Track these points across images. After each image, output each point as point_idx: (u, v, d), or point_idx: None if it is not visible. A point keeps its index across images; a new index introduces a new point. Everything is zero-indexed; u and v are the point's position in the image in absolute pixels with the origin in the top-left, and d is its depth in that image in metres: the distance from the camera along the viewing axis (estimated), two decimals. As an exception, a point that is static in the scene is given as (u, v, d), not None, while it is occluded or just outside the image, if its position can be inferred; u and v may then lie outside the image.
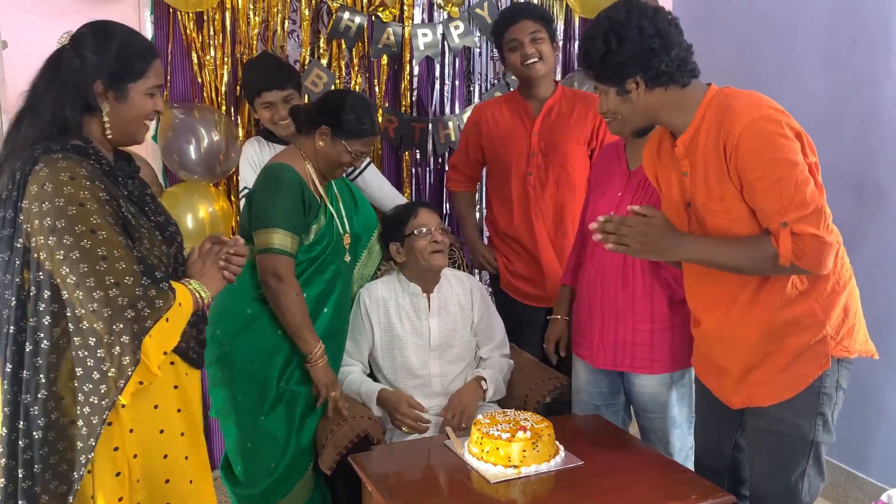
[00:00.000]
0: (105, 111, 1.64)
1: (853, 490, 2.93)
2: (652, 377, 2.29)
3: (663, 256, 1.88)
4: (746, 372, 1.88)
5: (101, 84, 1.63)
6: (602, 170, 2.41)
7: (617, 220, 1.81)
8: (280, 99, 2.70)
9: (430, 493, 1.94)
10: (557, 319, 2.54)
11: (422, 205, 2.68)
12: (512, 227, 2.87)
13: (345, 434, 2.24)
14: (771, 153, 1.68)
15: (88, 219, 1.51)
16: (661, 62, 1.76)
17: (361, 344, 2.55)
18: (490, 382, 2.52)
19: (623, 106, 1.85)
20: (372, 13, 3.18)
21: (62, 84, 1.61)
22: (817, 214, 1.69)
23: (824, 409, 1.86)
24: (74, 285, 1.50)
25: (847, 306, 1.86)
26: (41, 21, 2.88)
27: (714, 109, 1.78)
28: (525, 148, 2.79)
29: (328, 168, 2.38)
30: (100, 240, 1.51)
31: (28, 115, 1.62)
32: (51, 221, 1.50)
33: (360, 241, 2.61)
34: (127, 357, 1.50)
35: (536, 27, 2.70)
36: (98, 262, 1.50)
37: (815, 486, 1.92)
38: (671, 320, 2.25)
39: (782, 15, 3.12)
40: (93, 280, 1.49)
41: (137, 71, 1.66)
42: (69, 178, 1.52)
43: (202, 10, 2.93)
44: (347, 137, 2.32)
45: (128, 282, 1.51)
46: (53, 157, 1.54)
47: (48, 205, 1.51)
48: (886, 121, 2.76)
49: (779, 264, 1.71)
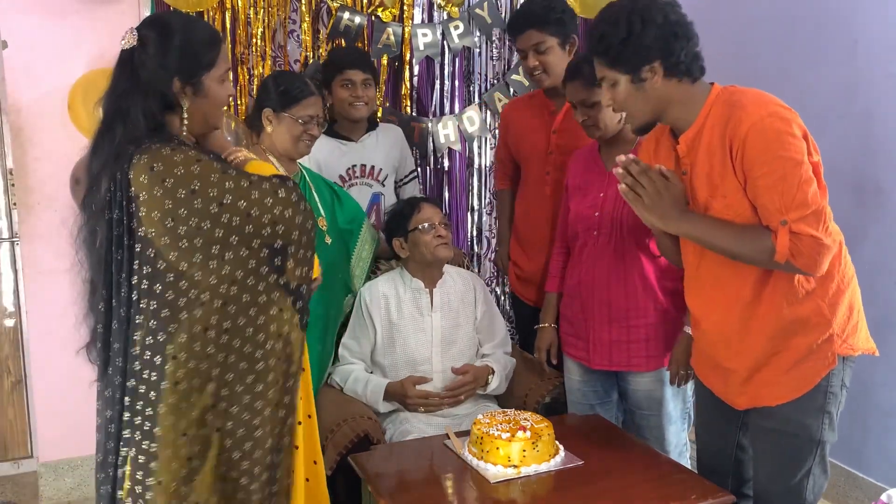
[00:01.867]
0: (185, 107, 1.65)
1: (853, 490, 2.93)
2: (647, 374, 2.29)
3: (666, 223, 1.83)
4: (753, 373, 1.88)
5: (179, 81, 1.64)
6: (579, 173, 2.41)
7: (643, 166, 1.79)
8: (360, 80, 2.76)
9: (430, 493, 1.94)
10: (546, 327, 2.53)
11: (423, 200, 2.68)
12: (528, 227, 2.83)
13: (345, 434, 2.24)
14: (777, 151, 1.68)
15: (213, 165, 1.57)
16: (682, 50, 1.76)
17: (363, 342, 2.55)
18: (496, 378, 2.54)
19: (635, 95, 1.82)
20: (372, 13, 3.19)
21: (145, 88, 1.61)
22: (817, 216, 1.69)
23: (830, 408, 1.85)
24: (247, 213, 1.56)
25: (851, 304, 1.86)
26: (41, 21, 2.89)
27: (720, 107, 1.78)
28: (544, 146, 2.72)
29: (290, 146, 2.40)
30: (236, 175, 1.58)
31: (120, 121, 1.60)
32: (184, 190, 1.53)
33: (351, 235, 2.61)
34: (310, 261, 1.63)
35: (540, 38, 2.56)
36: (251, 190, 1.57)
37: (820, 485, 1.92)
38: (665, 314, 2.26)
39: (782, 15, 3.12)
40: (259, 206, 1.57)
41: (208, 61, 1.66)
42: (171, 150, 1.55)
43: (202, 9, 2.93)
44: (287, 108, 2.37)
45: (293, 198, 1.61)
46: (151, 147, 1.55)
47: (171, 180, 1.53)
48: (886, 121, 2.76)
49: (773, 260, 1.71)
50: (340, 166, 2.82)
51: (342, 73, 2.77)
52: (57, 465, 3.13)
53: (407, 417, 2.48)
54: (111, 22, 2.95)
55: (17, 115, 2.92)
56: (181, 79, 1.63)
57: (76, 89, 2.83)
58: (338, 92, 2.79)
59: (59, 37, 2.92)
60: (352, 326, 2.57)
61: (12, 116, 2.92)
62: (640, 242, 2.25)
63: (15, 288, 3.09)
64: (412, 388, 2.45)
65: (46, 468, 3.12)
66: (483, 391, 2.55)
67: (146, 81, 1.61)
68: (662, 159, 1.94)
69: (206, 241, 1.55)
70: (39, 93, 2.92)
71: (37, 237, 2.98)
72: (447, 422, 2.43)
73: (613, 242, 2.27)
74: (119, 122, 1.60)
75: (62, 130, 2.93)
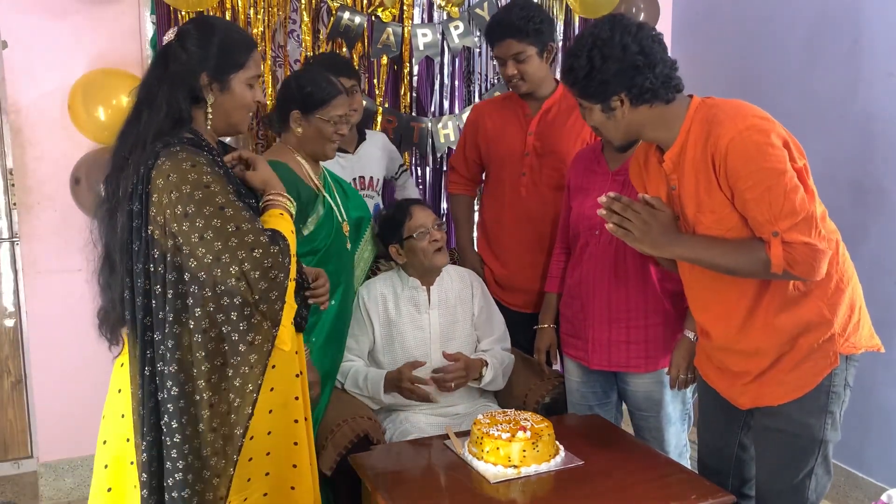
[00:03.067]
0: (210, 102, 1.72)
1: (853, 490, 2.93)
2: (646, 376, 2.29)
3: (659, 251, 1.86)
4: (761, 374, 1.89)
5: (207, 76, 1.71)
6: (582, 172, 2.42)
7: (626, 201, 1.81)
8: (348, 87, 2.67)
9: (430, 493, 1.94)
10: (545, 328, 2.54)
11: (413, 203, 2.65)
12: (502, 230, 2.81)
13: (345, 434, 2.24)
14: (759, 163, 1.68)
15: (214, 199, 1.59)
16: (646, 80, 1.77)
17: (362, 341, 2.56)
18: (490, 370, 2.53)
19: (607, 123, 1.86)
20: (372, 13, 3.19)
21: (173, 77, 1.68)
22: (808, 222, 1.69)
23: (833, 408, 1.86)
24: (216, 260, 1.58)
25: (852, 303, 1.86)
26: (41, 21, 2.89)
27: (699, 123, 1.78)
28: (520, 148, 2.72)
29: (318, 148, 2.38)
30: (227, 216, 1.59)
31: (146, 108, 1.68)
32: (182, 208, 1.58)
33: (359, 228, 2.60)
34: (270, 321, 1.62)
35: (520, 47, 2.55)
36: (231, 237, 1.58)
37: (822, 485, 1.92)
38: (665, 315, 2.26)
39: (782, 15, 3.12)
40: (228, 256, 1.57)
41: (238, 62, 1.74)
42: (191, 166, 1.60)
43: (202, 9, 2.93)
44: (317, 109, 2.33)
45: (257, 255, 1.58)
46: (173, 151, 1.62)
47: (176, 194, 1.59)
48: (886, 121, 2.76)
49: (771, 272, 1.72)
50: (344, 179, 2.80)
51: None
52: (57, 465, 3.13)
53: (407, 417, 2.49)
54: (111, 22, 2.95)
55: (17, 115, 2.92)
56: (209, 74, 1.70)
57: (76, 89, 2.83)
58: None
59: (59, 37, 2.92)
60: (351, 326, 2.57)
61: (12, 116, 2.92)
62: None
63: (15, 288, 3.10)
64: (408, 372, 2.43)
65: (46, 468, 3.12)
66: (477, 384, 2.54)
67: (175, 72, 1.68)
68: (652, 175, 1.95)
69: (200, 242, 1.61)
70: (39, 93, 2.92)
71: (37, 237, 2.98)
72: (447, 422, 2.43)
73: (615, 242, 2.27)
74: (145, 109, 1.68)
75: (62, 130, 2.93)
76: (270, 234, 1.64)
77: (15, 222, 3.02)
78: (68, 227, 2.92)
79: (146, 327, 1.65)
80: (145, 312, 1.64)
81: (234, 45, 1.74)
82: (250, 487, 1.75)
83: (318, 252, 2.36)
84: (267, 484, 1.79)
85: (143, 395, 1.65)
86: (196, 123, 1.73)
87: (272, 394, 1.76)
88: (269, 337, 1.64)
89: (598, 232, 2.31)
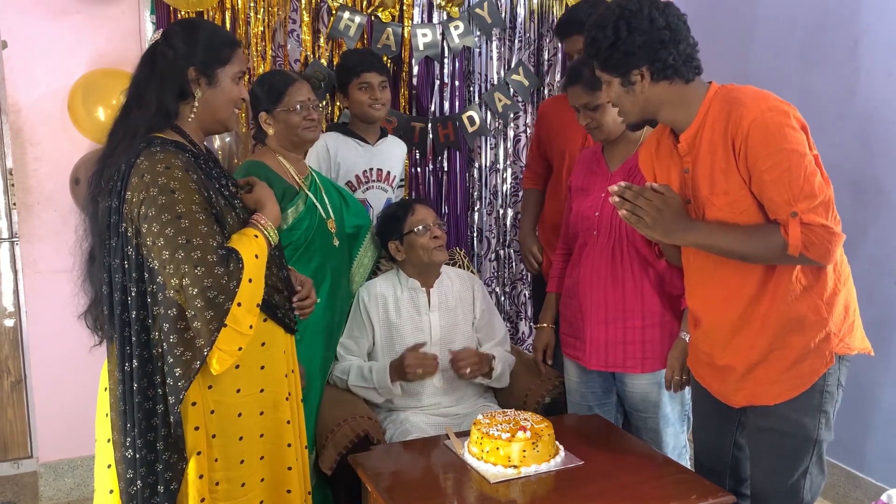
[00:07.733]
0: (198, 97, 1.75)
1: (853, 490, 2.93)
2: (643, 376, 2.29)
3: (671, 238, 1.84)
4: (750, 369, 1.88)
5: (195, 70, 1.74)
6: (582, 174, 2.42)
7: (637, 189, 1.81)
8: (378, 83, 2.79)
9: (430, 493, 1.94)
10: (544, 328, 2.55)
11: (416, 201, 2.70)
12: (558, 225, 2.77)
13: (345, 434, 2.24)
14: (780, 143, 1.69)
15: (175, 207, 1.60)
16: (669, 55, 1.77)
17: (361, 342, 2.55)
18: (498, 363, 2.54)
19: (625, 98, 1.85)
20: (372, 13, 3.19)
21: (161, 75, 1.72)
22: (826, 205, 1.70)
23: (827, 407, 1.86)
24: (162, 267, 1.59)
25: (847, 303, 1.86)
26: (41, 21, 2.89)
27: (719, 104, 1.78)
28: (581, 142, 2.74)
29: (295, 140, 2.43)
30: (181, 227, 1.59)
31: (135, 105, 1.72)
32: (145, 210, 1.60)
33: (355, 241, 2.63)
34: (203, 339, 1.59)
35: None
36: (179, 249, 1.58)
37: (817, 484, 1.92)
38: (661, 316, 2.26)
39: (782, 15, 3.12)
40: (172, 267, 1.58)
41: (224, 57, 1.77)
42: (164, 169, 1.62)
43: (202, 10, 2.93)
44: (277, 103, 2.40)
45: (198, 272, 1.57)
46: (152, 150, 1.64)
47: (144, 194, 1.61)
48: (886, 121, 2.76)
49: (787, 254, 1.71)
50: (357, 166, 2.83)
51: (359, 77, 2.79)
52: (57, 465, 3.13)
53: (407, 417, 2.49)
54: (111, 22, 2.95)
55: (17, 115, 2.92)
56: (197, 69, 1.73)
57: (76, 89, 2.83)
58: (355, 95, 2.80)
59: (59, 37, 2.92)
60: (350, 326, 2.57)
61: (12, 116, 2.92)
62: (639, 244, 2.25)
63: (15, 288, 3.10)
64: (410, 358, 2.41)
65: (46, 468, 3.12)
66: (488, 380, 2.55)
67: (163, 69, 1.71)
68: (664, 159, 1.94)
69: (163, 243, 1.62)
70: (39, 93, 2.92)
71: (36, 237, 2.98)
72: (447, 422, 2.44)
73: (612, 243, 2.27)
74: (134, 107, 1.72)
75: (62, 131, 2.93)
76: (223, 253, 1.61)
77: (15, 222, 3.02)
78: (68, 227, 2.89)
79: (124, 323, 1.65)
80: (123, 308, 1.65)
81: (218, 41, 1.77)
82: (246, 494, 1.75)
83: (299, 246, 2.39)
84: (263, 491, 1.78)
85: (124, 392, 1.65)
86: (181, 120, 1.74)
87: (262, 395, 1.76)
88: (199, 356, 1.61)
89: (597, 232, 2.31)
